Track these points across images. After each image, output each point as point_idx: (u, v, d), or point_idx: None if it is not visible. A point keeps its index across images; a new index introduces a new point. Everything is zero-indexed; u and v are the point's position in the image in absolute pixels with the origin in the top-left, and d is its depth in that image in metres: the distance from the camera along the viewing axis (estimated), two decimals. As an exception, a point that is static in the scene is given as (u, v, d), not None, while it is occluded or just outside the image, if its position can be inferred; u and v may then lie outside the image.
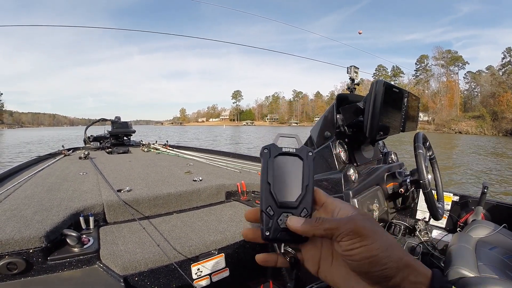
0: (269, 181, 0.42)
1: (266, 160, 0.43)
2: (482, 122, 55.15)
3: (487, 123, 54.30)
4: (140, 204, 2.04)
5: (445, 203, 2.15)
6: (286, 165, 0.43)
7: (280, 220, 0.41)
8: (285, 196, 0.42)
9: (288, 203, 0.42)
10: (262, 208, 0.42)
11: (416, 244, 2.42)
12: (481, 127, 54.31)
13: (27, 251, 1.37)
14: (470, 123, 56.82)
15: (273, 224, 0.41)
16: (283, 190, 0.42)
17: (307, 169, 0.43)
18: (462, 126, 57.09)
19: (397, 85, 1.72)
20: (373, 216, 1.59)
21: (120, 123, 5.43)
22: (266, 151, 0.43)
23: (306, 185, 0.42)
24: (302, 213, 0.41)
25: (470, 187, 9.49)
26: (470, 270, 1.60)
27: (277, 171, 0.42)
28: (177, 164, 3.55)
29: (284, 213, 0.41)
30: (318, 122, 1.86)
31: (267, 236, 0.41)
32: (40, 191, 2.18)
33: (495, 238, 1.96)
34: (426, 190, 1.56)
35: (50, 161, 3.66)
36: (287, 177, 0.42)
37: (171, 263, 1.52)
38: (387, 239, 0.38)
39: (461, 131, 55.61)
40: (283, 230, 0.41)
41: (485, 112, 56.26)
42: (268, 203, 0.41)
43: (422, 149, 1.59)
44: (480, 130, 53.73)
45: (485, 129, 53.53)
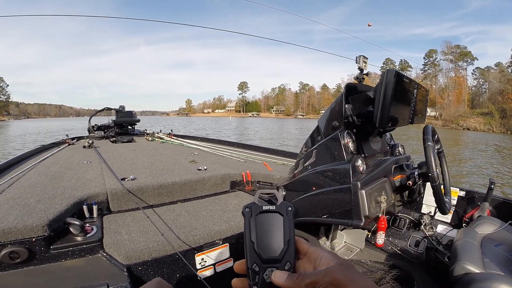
0: (252, 240, 0.45)
1: (248, 219, 0.46)
2: (490, 119, 54.51)
3: (495, 120, 53.66)
4: (144, 192, 2.04)
5: (451, 198, 2.14)
6: (268, 222, 0.46)
7: (266, 275, 0.44)
8: (269, 252, 0.45)
9: (272, 259, 0.44)
10: (248, 265, 0.44)
11: (420, 238, 2.41)
12: (490, 124, 53.71)
13: (29, 240, 1.36)
14: (478, 119, 56.17)
15: (259, 279, 0.44)
16: (266, 247, 0.45)
17: (288, 223, 0.46)
18: (470, 123, 56.48)
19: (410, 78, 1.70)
20: (381, 209, 1.57)
21: (124, 112, 5.45)
22: (247, 210, 0.47)
23: (287, 239, 0.45)
24: (285, 266, 0.44)
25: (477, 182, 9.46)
26: (476, 266, 1.59)
27: (259, 229, 0.46)
28: (182, 153, 3.55)
29: (269, 268, 0.44)
30: (326, 112, 1.83)
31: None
32: (44, 179, 2.17)
33: (500, 235, 1.95)
34: (435, 183, 1.53)
35: (54, 150, 3.67)
36: (269, 234, 0.45)
37: (175, 253, 1.52)
38: (365, 285, 0.41)
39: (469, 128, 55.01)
40: (269, 284, 0.43)
41: (493, 109, 55.59)
42: (253, 260, 0.44)
43: (431, 142, 1.56)
44: (488, 127, 53.13)
45: (493, 126, 52.87)
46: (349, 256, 2.51)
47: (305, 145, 1.97)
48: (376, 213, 1.56)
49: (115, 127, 5.27)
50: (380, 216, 1.58)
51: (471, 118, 57.75)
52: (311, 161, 1.81)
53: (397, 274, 2.24)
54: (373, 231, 2.54)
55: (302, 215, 1.77)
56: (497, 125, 52.73)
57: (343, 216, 1.55)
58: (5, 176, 2.26)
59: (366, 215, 1.48)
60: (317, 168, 1.73)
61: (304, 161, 1.88)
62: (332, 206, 1.59)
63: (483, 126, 53.90)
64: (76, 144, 4.31)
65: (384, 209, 1.57)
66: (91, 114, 5.69)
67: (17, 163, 2.85)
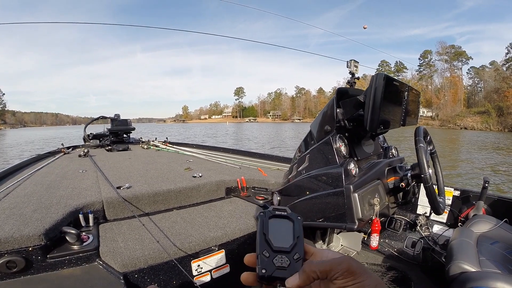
0: (264, 232, 0.47)
1: (262, 219, 0.49)
2: (487, 117, 54.68)
3: (492, 118, 53.82)
4: (140, 201, 2.04)
5: (446, 198, 2.15)
6: (280, 224, 0.49)
7: (276, 260, 0.45)
8: (279, 244, 0.46)
9: (282, 248, 0.46)
10: (259, 253, 0.46)
11: (417, 239, 2.42)
12: (487, 122, 53.88)
13: (26, 249, 1.36)
14: (475, 118, 56.36)
15: (268, 263, 0.45)
16: (277, 239, 0.47)
17: (298, 227, 0.49)
18: (468, 122, 56.68)
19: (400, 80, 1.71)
20: (374, 211, 1.58)
21: (119, 120, 5.42)
22: (262, 214, 0.50)
23: (297, 236, 0.47)
24: (295, 256, 0.46)
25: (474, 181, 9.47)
26: (472, 265, 1.60)
27: (272, 227, 0.48)
28: (177, 160, 3.55)
29: (279, 255, 0.45)
30: (318, 117, 1.85)
31: (263, 273, 0.44)
32: (40, 189, 2.17)
33: (496, 232, 1.96)
34: (427, 184, 1.55)
35: (49, 160, 3.65)
36: (280, 232, 0.48)
37: (171, 260, 1.52)
38: (376, 278, 0.41)
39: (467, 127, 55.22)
40: (279, 268, 0.45)
41: (490, 107, 55.79)
42: (263, 248, 0.46)
43: (423, 143, 1.58)
44: (485, 126, 53.29)
45: (490, 124, 53.05)
46: (346, 259, 2.50)
47: (298, 149, 1.98)
48: (370, 215, 1.57)
49: (110, 136, 5.23)
50: (374, 219, 1.59)
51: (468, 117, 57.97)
52: (304, 166, 1.82)
53: (394, 275, 2.25)
54: (369, 233, 2.54)
55: None
56: (494, 124, 52.92)
57: (337, 220, 1.56)
58: (1, 186, 2.25)
59: (360, 217, 1.49)
60: (311, 173, 1.74)
61: (297, 166, 1.89)
62: (326, 210, 1.60)
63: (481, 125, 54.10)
64: (71, 153, 4.30)
65: (377, 211, 1.59)
66: (86, 123, 5.66)
67: (12, 173, 2.84)
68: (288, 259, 0.45)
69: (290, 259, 0.45)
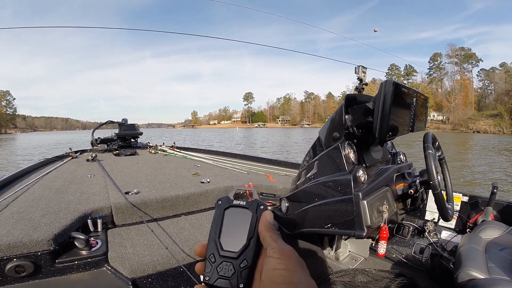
0: (215, 230, 0.45)
1: (218, 211, 0.47)
2: (500, 120, 53.94)
3: (505, 121, 53.07)
4: (148, 206, 2.05)
5: (454, 203, 2.14)
6: (236, 216, 0.46)
7: (220, 268, 0.43)
8: (229, 246, 0.44)
9: (229, 253, 0.43)
10: (206, 255, 0.44)
11: (425, 245, 2.41)
12: (500, 125, 53.14)
13: (35, 254, 1.38)
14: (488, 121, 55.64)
15: (212, 271, 0.43)
16: (228, 240, 0.44)
17: (254, 221, 0.45)
18: (480, 125, 56.00)
19: (410, 85, 1.71)
20: (383, 218, 1.57)
21: (127, 125, 5.47)
22: (220, 203, 0.47)
23: (250, 237, 0.44)
24: (241, 263, 0.43)
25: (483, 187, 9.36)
26: (480, 271, 1.59)
27: (226, 221, 0.46)
28: (185, 165, 3.57)
29: (224, 262, 0.43)
30: (327, 123, 1.85)
31: (207, 281, 0.43)
32: (48, 193, 2.19)
33: (505, 239, 1.94)
34: (436, 191, 1.55)
35: (57, 164, 3.69)
36: (234, 228, 0.45)
37: (179, 266, 1.53)
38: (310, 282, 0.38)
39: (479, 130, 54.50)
40: (221, 277, 0.43)
41: (503, 110, 54.99)
42: (211, 251, 0.44)
43: (431, 149, 1.58)
44: (498, 129, 52.56)
45: (503, 128, 52.32)
46: (354, 265, 2.51)
47: (307, 155, 1.99)
48: (379, 222, 1.56)
49: (118, 140, 5.28)
50: (382, 226, 1.58)
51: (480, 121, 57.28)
52: (313, 172, 1.82)
53: (402, 282, 2.23)
54: (377, 239, 2.54)
55: (306, 226, 1.78)
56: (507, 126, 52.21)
57: (345, 227, 1.55)
58: (10, 190, 2.28)
59: (368, 225, 1.48)
60: (319, 179, 1.74)
61: (306, 172, 1.89)
62: (335, 217, 1.60)
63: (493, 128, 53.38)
64: (79, 158, 4.33)
65: (386, 218, 1.58)
66: (94, 128, 5.71)
67: (21, 177, 2.87)
68: (233, 267, 0.43)
69: (235, 267, 0.43)
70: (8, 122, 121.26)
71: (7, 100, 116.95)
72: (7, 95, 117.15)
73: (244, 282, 0.42)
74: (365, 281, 2.23)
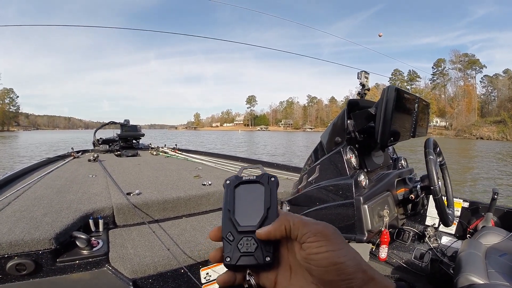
0: (229, 208, 0.42)
1: (227, 190, 0.44)
2: (503, 127, 53.76)
3: (509, 128, 52.89)
4: (150, 207, 2.05)
5: (455, 209, 2.15)
6: (248, 192, 0.44)
7: (241, 244, 0.40)
8: (246, 222, 0.41)
9: (248, 227, 0.41)
10: (223, 235, 0.42)
11: (425, 250, 2.41)
12: (503, 132, 52.97)
13: (36, 253, 1.38)
14: (491, 128, 55.52)
15: (233, 250, 0.40)
16: (244, 216, 0.42)
17: (269, 193, 0.43)
18: (484, 132, 55.87)
19: (413, 90, 1.72)
20: (384, 223, 1.59)
21: (129, 126, 5.48)
22: (228, 182, 0.45)
23: (267, 207, 0.42)
24: None
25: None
26: (480, 277, 1.59)
27: (238, 199, 0.43)
28: (186, 168, 3.57)
29: (245, 237, 0.41)
30: (329, 128, 1.86)
31: (228, 262, 0.40)
32: (50, 193, 2.20)
33: (505, 244, 1.95)
34: (437, 196, 1.56)
35: (59, 163, 3.70)
36: (248, 204, 0.43)
37: (180, 267, 1.53)
38: (353, 250, 0.37)
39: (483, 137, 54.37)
40: (244, 254, 0.40)
41: (506, 116, 54.81)
42: (228, 229, 0.41)
43: (432, 155, 1.59)
44: (502, 136, 52.38)
45: (507, 134, 52.15)
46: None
47: (309, 159, 2.00)
48: (379, 227, 1.57)
49: (120, 141, 5.29)
50: (383, 230, 1.60)
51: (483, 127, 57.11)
52: (314, 176, 1.83)
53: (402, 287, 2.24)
54: (377, 244, 2.54)
55: None
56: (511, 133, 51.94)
57: (346, 231, 1.56)
58: (12, 189, 2.28)
59: (369, 229, 1.50)
60: (321, 183, 1.75)
61: (307, 176, 1.90)
62: (336, 221, 1.60)
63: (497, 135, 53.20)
64: (81, 158, 4.34)
65: (387, 223, 1.59)
66: (96, 128, 5.74)
67: (23, 175, 2.88)
68: (255, 240, 0.40)
69: (257, 240, 0.40)
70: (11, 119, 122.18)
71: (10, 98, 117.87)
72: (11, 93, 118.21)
73: (270, 255, 0.40)
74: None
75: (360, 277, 0.34)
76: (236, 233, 0.41)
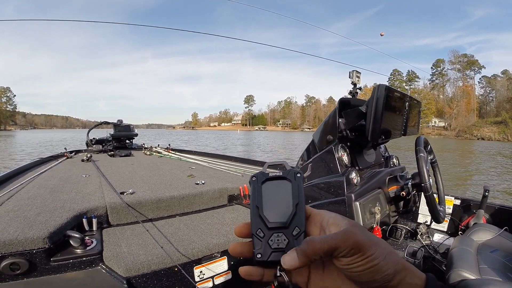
0: (257, 205, 0.42)
1: (254, 187, 0.44)
2: (504, 128, 53.79)
3: (510, 128, 52.90)
4: (143, 206, 2.05)
5: (446, 206, 2.17)
6: (275, 188, 0.43)
7: (271, 240, 0.40)
8: (275, 218, 0.41)
9: (278, 224, 0.41)
10: (253, 232, 0.41)
11: (417, 248, 2.42)
12: (504, 133, 52.96)
13: (30, 252, 1.37)
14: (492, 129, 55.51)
15: (263, 246, 0.40)
16: (273, 212, 0.42)
17: (296, 189, 0.43)
18: (484, 132, 55.86)
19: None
20: (375, 220, 1.60)
21: (122, 126, 5.45)
22: (254, 179, 0.45)
23: (296, 203, 0.41)
24: (294, 231, 0.41)
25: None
26: (472, 272, 1.61)
27: (266, 195, 0.43)
28: (180, 167, 3.57)
29: (275, 233, 0.41)
30: (320, 126, 1.88)
31: (259, 258, 0.40)
32: (43, 192, 2.18)
33: (496, 241, 1.97)
34: (428, 193, 1.58)
35: (52, 163, 3.67)
36: (276, 200, 0.43)
37: (174, 265, 1.53)
38: (385, 247, 0.37)
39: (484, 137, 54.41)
40: (275, 250, 0.40)
41: (507, 117, 54.85)
42: (258, 226, 0.41)
43: (423, 153, 1.61)
44: (503, 136, 52.41)
45: (508, 135, 52.20)
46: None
47: (301, 158, 2.01)
48: (371, 224, 1.59)
49: (113, 141, 5.25)
50: (375, 227, 1.61)
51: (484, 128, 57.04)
52: (307, 174, 1.84)
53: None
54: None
55: None
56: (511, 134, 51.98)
57: None
58: (5, 189, 2.27)
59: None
60: (313, 181, 1.77)
61: None
62: None
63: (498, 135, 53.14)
64: (74, 158, 4.32)
65: (378, 220, 1.60)
66: (90, 128, 5.68)
67: (16, 175, 2.86)
68: (286, 237, 0.40)
69: (288, 236, 0.40)
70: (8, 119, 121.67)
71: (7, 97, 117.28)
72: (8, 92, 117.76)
73: None
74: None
75: (392, 271, 0.36)
76: (266, 230, 0.41)
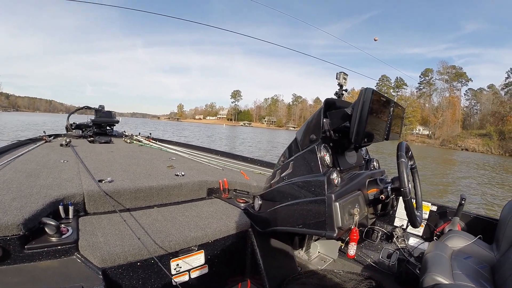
0: None
1: None
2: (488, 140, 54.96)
3: (494, 142, 54.09)
4: (121, 195, 2.02)
5: (423, 212, 2.20)
6: None
7: None
8: None
9: None
10: None
11: (393, 250, 2.47)
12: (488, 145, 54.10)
13: (4, 239, 1.34)
14: (476, 140, 56.62)
15: None
16: None
17: None
18: (469, 143, 56.95)
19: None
20: (354, 221, 1.61)
21: (103, 112, 5.37)
22: None
23: None
24: None
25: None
26: (445, 277, 1.65)
27: None
28: (160, 157, 3.53)
29: None
30: (304, 125, 1.88)
31: None
32: (19, 176, 2.13)
33: (470, 248, 2.02)
34: (406, 198, 1.59)
35: (30, 147, 3.58)
36: None
37: (151, 257, 1.52)
38: None
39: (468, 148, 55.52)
40: None
41: (492, 130, 56.09)
42: None
43: (404, 158, 1.62)
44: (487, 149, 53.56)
45: (492, 148, 53.38)
46: (323, 266, 2.55)
47: (282, 155, 2.01)
48: (349, 224, 1.60)
49: (93, 127, 5.16)
50: (353, 228, 1.62)
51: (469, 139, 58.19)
52: (287, 172, 1.85)
53: (369, 284, 2.28)
54: (347, 242, 2.58)
55: (278, 224, 1.81)
56: (495, 147, 53.14)
57: (317, 227, 1.58)
58: None
59: (339, 226, 1.52)
60: (293, 179, 1.77)
61: (281, 172, 1.92)
62: (307, 217, 1.63)
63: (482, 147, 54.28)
64: (53, 142, 4.22)
65: (357, 221, 1.62)
66: (70, 112, 5.57)
67: None
68: None
69: None
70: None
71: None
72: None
73: None
74: (333, 282, 2.26)
75: None
76: None
